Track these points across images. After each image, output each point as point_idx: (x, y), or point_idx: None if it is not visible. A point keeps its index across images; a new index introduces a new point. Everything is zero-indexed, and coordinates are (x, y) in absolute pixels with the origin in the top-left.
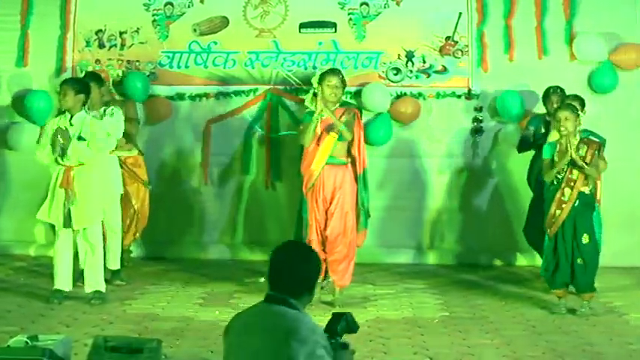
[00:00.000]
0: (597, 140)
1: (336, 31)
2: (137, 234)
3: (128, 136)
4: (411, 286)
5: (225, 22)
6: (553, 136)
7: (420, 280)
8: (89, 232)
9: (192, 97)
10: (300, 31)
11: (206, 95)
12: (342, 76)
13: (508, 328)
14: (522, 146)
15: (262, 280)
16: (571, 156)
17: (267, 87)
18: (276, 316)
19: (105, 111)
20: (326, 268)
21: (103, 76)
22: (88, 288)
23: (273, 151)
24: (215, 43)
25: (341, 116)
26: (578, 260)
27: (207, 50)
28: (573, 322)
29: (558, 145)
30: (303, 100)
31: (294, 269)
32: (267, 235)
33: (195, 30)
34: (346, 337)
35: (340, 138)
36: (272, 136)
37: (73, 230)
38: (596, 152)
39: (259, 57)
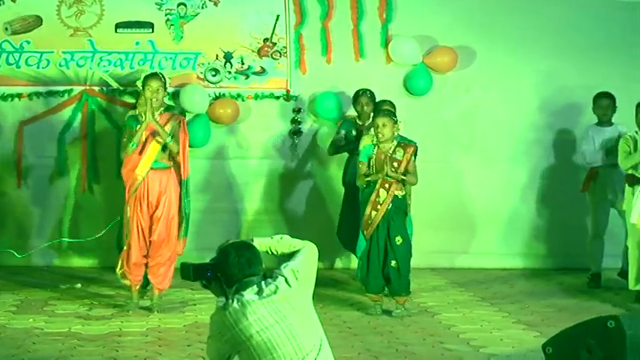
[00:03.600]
0: (413, 144)
1: (153, 31)
2: None
3: None
4: None
5: (38, 20)
6: (365, 141)
7: None
8: None
9: (4, 98)
10: (116, 31)
11: (19, 96)
12: (165, 81)
13: (325, 329)
14: (333, 149)
15: (79, 285)
16: (387, 174)
17: (83, 87)
18: None
19: None
20: (145, 273)
21: None
22: None
23: (90, 152)
24: (28, 42)
25: (166, 123)
26: (392, 263)
27: (20, 50)
28: (388, 322)
29: (376, 149)
30: (121, 102)
31: None
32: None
33: (6, 29)
34: None
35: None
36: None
37: None
38: (412, 157)
39: (74, 57)
